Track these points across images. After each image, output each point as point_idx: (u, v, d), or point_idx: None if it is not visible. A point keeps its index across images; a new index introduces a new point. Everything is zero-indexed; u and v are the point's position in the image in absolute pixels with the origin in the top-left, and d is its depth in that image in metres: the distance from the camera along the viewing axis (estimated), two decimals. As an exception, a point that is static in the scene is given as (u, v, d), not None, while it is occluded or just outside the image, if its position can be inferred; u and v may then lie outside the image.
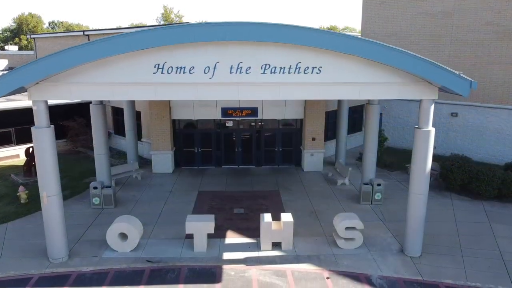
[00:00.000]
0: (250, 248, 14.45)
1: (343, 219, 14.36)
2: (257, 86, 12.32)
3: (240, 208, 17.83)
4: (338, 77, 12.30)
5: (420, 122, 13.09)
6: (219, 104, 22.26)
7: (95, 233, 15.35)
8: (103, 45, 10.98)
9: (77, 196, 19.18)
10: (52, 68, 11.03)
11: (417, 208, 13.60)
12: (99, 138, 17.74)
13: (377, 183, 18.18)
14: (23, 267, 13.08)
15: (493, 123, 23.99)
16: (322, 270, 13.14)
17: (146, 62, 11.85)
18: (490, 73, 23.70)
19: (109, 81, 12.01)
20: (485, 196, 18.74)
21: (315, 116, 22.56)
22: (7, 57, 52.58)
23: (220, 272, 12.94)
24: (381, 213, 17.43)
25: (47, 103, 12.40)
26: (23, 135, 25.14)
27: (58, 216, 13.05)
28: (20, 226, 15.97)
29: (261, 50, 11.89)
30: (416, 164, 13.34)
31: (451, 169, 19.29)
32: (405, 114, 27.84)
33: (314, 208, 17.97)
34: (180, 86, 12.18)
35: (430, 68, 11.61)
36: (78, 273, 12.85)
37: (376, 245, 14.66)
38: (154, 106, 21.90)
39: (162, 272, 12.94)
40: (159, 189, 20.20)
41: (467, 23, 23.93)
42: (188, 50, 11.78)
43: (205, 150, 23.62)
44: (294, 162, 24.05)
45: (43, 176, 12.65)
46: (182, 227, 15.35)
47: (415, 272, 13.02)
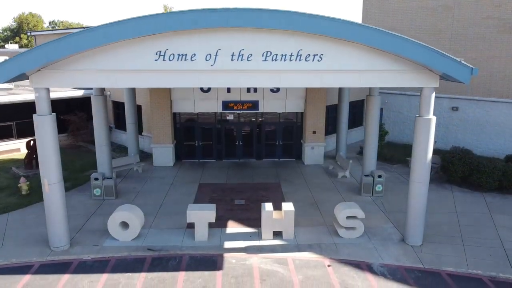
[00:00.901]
0: (251, 237, 14.46)
1: (344, 208, 14.38)
2: (258, 74, 12.34)
3: (240, 199, 17.85)
4: (340, 64, 12.31)
5: (421, 111, 13.11)
6: (220, 97, 22.28)
7: (96, 223, 15.37)
8: (105, 31, 11.00)
9: (78, 187, 19.21)
10: (54, 54, 11.04)
11: (418, 196, 13.61)
12: (100, 129, 17.77)
13: (378, 175, 18.19)
14: (25, 254, 13.09)
15: (493, 117, 24.01)
16: (323, 258, 13.16)
17: (147, 49, 11.86)
18: (490, 67, 23.72)
19: (111, 68, 12.02)
20: (486, 188, 18.76)
21: (315, 110, 22.57)
22: (8, 54, 52.63)
23: (221, 260, 12.95)
24: (382, 205, 17.44)
25: (49, 91, 12.42)
26: (24, 129, 25.19)
27: (60, 204, 13.05)
28: (21, 216, 15.99)
29: (263, 37, 11.91)
30: (417, 152, 13.36)
31: (452, 161, 19.30)
32: (405, 109, 27.86)
33: (314, 199, 17.98)
34: (181, 73, 12.20)
35: (432, 54, 11.62)
36: (79, 260, 12.86)
37: (377, 235, 14.68)
38: (155, 99, 21.92)
39: (163, 260, 12.95)
40: (160, 181, 20.21)
41: (468, 17, 23.96)
42: (189, 37, 11.79)
43: (205, 144, 23.63)
44: (294, 155, 24.07)
45: (44, 164, 12.65)
46: (183, 217, 15.42)
47: (416, 260, 13.03)
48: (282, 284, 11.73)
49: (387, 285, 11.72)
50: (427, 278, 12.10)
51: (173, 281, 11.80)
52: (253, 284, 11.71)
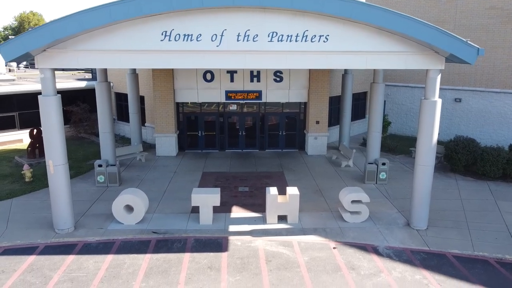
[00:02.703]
0: (256, 221, 14.43)
1: (349, 192, 14.34)
2: (264, 55, 12.31)
3: (244, 187, 17.81)
4: (345, 45, 12.28)
5: (427, 93, 13.08)
6: (223, 86, 22.26)
7: (101, 208, 15.35)
8: (110, 9, 10.97)
9: (81, 175, 19.19)
10: (59, 32, 10.99)
11: (423, 179, 13.57)
12: (104, 116, 17.75)
13: (382, 162, 18.16)
14: (29, 237, 13.07)
15: (497, 107, 23.97)
16: (329, 241, 13.12)
17: (153, 29, 11.84)
18: (493, 58, 23.68)
19: (116, 48, 11.99)
20: (490, 176, 18.72)
21: (319, 99, 22.55)
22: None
23: (226, 243, 12.92)
24: (386, 192, 17.41)
25: (54, 71, 12.39)
26: (26, 120, 25.19)
27: (64, 186, 13.03)
28: (25, 201, 15.97)
29: (269, 18, 11.88)
30: (423, 135, 13.32)
31: (456, 149, 19.27)
32: (408, 101, 27.83)
33: (318, 186, 17.95)
34: (187, 53, 12.17)
35: (439, 34, 11.57)
36: (84, 242, 12.83)
37: (382, 219, 14.64)
38: (158, 88, 21.90)
39: (168, 242, 12.92)
40: (163, 169, 20.19)
41: (471, 7, 23.92)
42: (195, 17, 11.77)
43: (208, 134, 23.61)
44: (297, 146, 24.03)
45: (49, 146, 12.62)
46: (187, 203, 15.45)
47: (422, 243, 13.00)
48: (288, 264, 11.69)
49: (393, 266, 11.68)
50: (433, 259, 12.06)
51: (178, 262, 11.77)
52: (258, 264, 11.68)
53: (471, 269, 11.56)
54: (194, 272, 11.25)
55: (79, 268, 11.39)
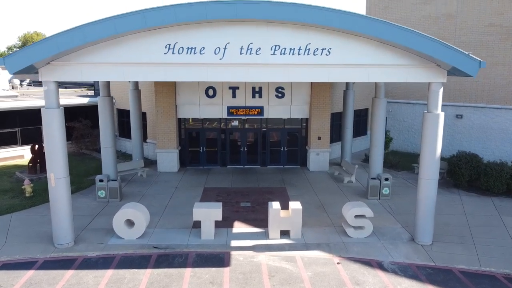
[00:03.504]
0: (258, 236, 14.22)
1: (353, 207, 14.18)
2: (267, 67, 12.38)
3: (246, 202, 17.65)
4: (348, 59, 12.36)
5: (429, 106, 13.07)
6: (225, 102, 22.33)
7: (101, 223, 15.17)
8: (114, 21, 11.07)
9: (82, 191, 19.05)
10: (64, 44, 11.07)
11: (428, 193, 13.44)
12: (106, 131, 17.74)
13: (384, 178, 18.03)
14: (29, 251, 12.87)
15: (499, 123, 23.95)
16: (332, 256, 12.90)
17: (157, 42, 11.94)
18: (494, 74, 23.81)
19: (120, 61, 12.06)
20: (494, 191, 18.57)
21: (320, 115, 22.57)
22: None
23: (228, 258, 12.70)
24: (389, 207, 17.23)
25: (58, 84, 12.43)
26: (28, 136, 25.18)
27: (65, 199, 12.91)
28: (25, 216, 15.80)
29: (271, 31, 11.99)
30: (426, 148, 13.26)
31: (459, 164, 19.16)
32: (410, 117, 27.87)
33: (321, 202, 17.78)
34: (190, 66, 12.24)
35: (440, 47, 11.65)
36: (84, 257, 12.62)
37: (386, 234, 14.44)
38: (160, 104, 21.96)
39: (169, 257, 12.71)
40: (164, 185, 20.05)
41: (470, 25, 24.19)
42: (198, 30, 11.88)
43: (210, 150, 23.55)
44: (299, 162, 23.93)
45: (51, 158, 12.56)
46: (189, 218, 15.27)
47: (427, 258, 12.77)
48: (291, 279, 11.46)
49: (399, 281, 11.44)
50: (439, 274, 11.83)
51: (179, 277, 11.54)
52: (261, 279, 11.45)
53: (478, 284, 11.31)
54: (196, 287, 11.02)
55: (78, 283, 11.16)
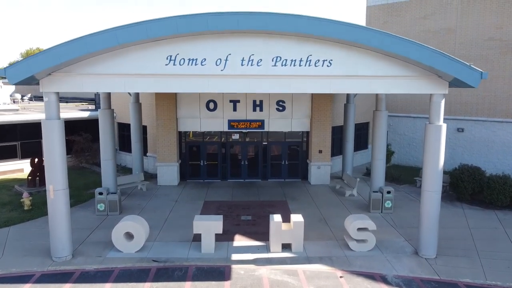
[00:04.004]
0: (259, 250, 14.00)
1: (355, 219, 14.00)
2: (268, 79, 12.36)
3: (247, 216, 17.45)
4: (349, 70, 12.35)
5: (431, 117, 13.02)
6: (226, 115, 22.32)
7: (100, 236, 14.96)
8: (116, 32, 11.09)
9: (81, 204, 18.86)
10: (65, 55, 11.07)
11: (431, 206, 13.27)
12: (106, 143, 17.66)
13: (387, 191, 17.87)
14: (25, 265, 12.64)
15: (500, 137, 23.89)
16: (335, 269, 12.66)
17: (158, 53, 11.95)
18: (494, 87, 23.86)
19: (121, 72, 12.06)
20: (497, 205, 18.38)
21: (321, 128, 22.51)
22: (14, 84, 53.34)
23: (229, 271, 12.47)
24: (392, 220, 17.02)
25: (58, 95, 12.40)
26: (28, 149, 25.09)
27: (64, 212, 12.74)
28: (23, 229, 15.60)
29: (272, 42, 12.02)
30: (428, 160, 13.15)
31: (461, 177, 19.02)
32: (410, 131, 27.82)
33: (323, 215, 17.58)
34: (191, 78, 12.22)
35: (441, 58, 11.65)
36: (81, 271, 12.39)
37: (389, 248, 14.21)
38: (161, 117, 21.94)
39: (168, 270, 12.47)
40: (164, 198, 19.87)
41: (470, 39, 24.36)
42: (200, 42, 11.91)
43: (210, 163, 23.43)
44: (300, 176, 23.78)
45: (50, 169, 12.44)
46: (189, 231, 15.09)
47: (432, 272, 12.53)
48: (293, 293, 11.23)
49: (403, 295, 11.20)
50: (445, 288, 11.60)
51: (179, 290, 11.31)
52: (262, 293, 11.22)
53: (485, 298, 11.08)
54: (196, 301, 10.79)
55: (75, 297, 10.93)
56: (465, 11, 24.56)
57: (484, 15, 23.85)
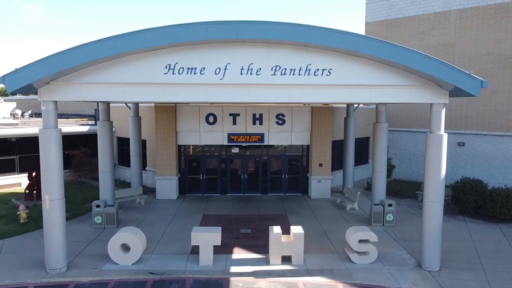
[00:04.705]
0: (258, 262, 13.70)
1: (356, 231, 13.75)
2: (267, 88, 12.32)
3: (247, 229, 17.17)
4: (348, 79, 12.31)
5: (432, 127, 12.91)
6: (226, 129, 22.23)
7: (96, 249, 14.67)
8: (115, 41, 11.09)
9: (78, 217, 18.61)
10: (64, 63, 11.03)
11: (433, 216, 13.04)
12: (105, 155, 17.52)
13: (388, 204, 17.63)
14: (19, 277, 12.34)
15: (501, 150, 23.74)
16: (336, 282, 12.35)
17: (157, 62, 11.93)
18: (494, 101, 23.86)
19: (120, 81, 12.02)
20: (501, 218, 18.11)
21: (321, 142, 22.39)
22: (16, 101, 53.59)
23: (227, 283, 12.16)
24: (393, 234, 16.72)
25: (56, 104, 12.34)
26: (27, 164, 24.90)
27: (59, 222, 12.50)
28: (18, 242, 15.31)
29: (272, 51, 12.02)
30: (430, 170, 12.98)
31: (463, 190, 18.78)
32: (411, 145, 27.69)
33: (323, 228, 17.29)
34: (190, 87, 12.18)
35: (441, 67, 11.61)
36: (76, 283, 12.08)
37: (391, 261, 13.90)
38: (160, 131, 21.85)
39: (165, 283, 12.16)
40: (163, 212, 19.60)
41: (468, 53, 24.48)
42: (199, 51, 11.91)
43: (210, 177, 23.23)
44: (300, 190, 23.54)
45: (47, 179, 12.27)
46: (187, 244, 14.85)
47: (436, 285, 12.21)
48: (293, 306, 10.90)
49: (407, 308, 10.87)
50: (449, 301, 11.26)
51: (176, 303, 10.99)
52: (262, 306, 10.89)
53: (491, 311, 10.74)
54: (193, 314, 10.46)
55: (69, 309, 10.61)
56: (463, 26, 24.77)
57: (482, 30, 24.04)
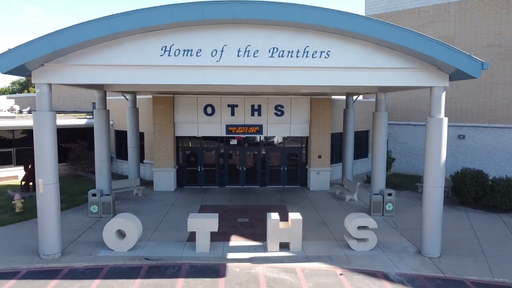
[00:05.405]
0: (256, 249, 13.50)
1: (355, 217, 13.55)
2: (264, 70, 12.13)
3: (244, 218, 16.97)
4: (347, 62, 12.14)
5: (432, 111, 12.73)
6: (224, 120, 22.04)
7: (92, 237, 14.48)
8: (110, 21, 10.92)
9: (74, 207, 18.41)
10: (58, 43, 10.86)
11: (434, 201, 12.84)
12: (101, 144, 17.33)
13: (388, 193, 17.43)
14: (12, 262, 12.14)
15: (502, 143, 23.55)
16: (335, 267, 12.14)
17: (153, 44, 11.76)
18: (495, 94, 23.67)
19: (115, 63, 11.85)
20: (502, 208, 17.91)
21: (320, 133, 22.20)
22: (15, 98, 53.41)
23: (224, 269, 11.95)
24: (393, 223, 16.52)
25: (51, 87, 12.16)
26: (23, 157, 24.73)
27: (53, 207, 12.32)
28: (12, 230, 15.13)
29: (269, 33, 11.84)
30: (430, 154, 12.79)
31: (464, 180, 18.58)
32: (411, 139, 27.49)
33: (322, 218, 17.09)
34: (187, 69, 12.00)
35: (441, 48, 11.43)
36: (70, 268, 11.88)
37: (391, 248, 13.70)
38: (158, 122, 21.66)
39: (161, 268, 11.96)
40: (160, 203, 19.39)
41: (469, 45, 24.29)
42: (195, 32, 11.73)
43: (208, 169, 23.02)
44: (300, 182, 23.34)
45: (41, 163, 12.10)
46: (184, 233, 14.70)
47: (436, 270, 12.01)
48: (291, 290, 10.69)
49: (407, 292, 10.67)
50: (450, 285, 11.05)
51: (171, 287, 10.77)
52: (259, 290, 10.69)
53: (492, 295, 10.54)
54: (188, 297, 10.26)
55: (62, 292, 10.41)
56: (463, 18, 24.61)
57: (482, 22, 23.87)
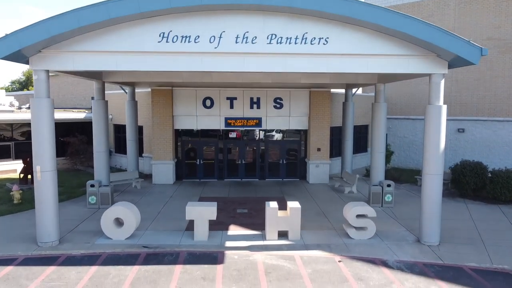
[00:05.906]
0: (254, 238, 13.46)
1: (354, 206, 13.49)
2: (263, 57, 12.08)
3: (243, 209, 16.93)
4: (346, 48, 12.09)
5: (431, 98, 12.69)
6: (223, 113, 22.00)
7: (90, 226, 14.44)
8: (107, 6, 10.87)
9: (73, 199, 18.38)
10: (56, 28, 10.80)
11: (433, 189, 12.79)
12: (100, 135, 17.29)
13: (387, 184, 17.40)
14: (10, 249, 12.10)
15: (501, 136, 23.51)
16: (333, 255, 12.09)
17: (150, 30, 11.71)
18: (494, 87, 23.63)
19: (113, 49, 11.79)
20: (501, 199, 17.89)
21: (320, 126, 22.16)
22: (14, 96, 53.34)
23: (222, 256, 11.91)
24: (392, 213, 16.48)
25: (48, 74, 12.11)
26: (22, 150, 24.69)
27: (51, 194, 12.26)
28: (11, 220, 15.09)
29: (267, 19, 11.79)
30: (429, 142, 12.75)
31: (463, 172, 18.54)
32: (410, 133, 27.45)
33: (321, 209, 17.05)
34: (184, 55, 11.95)
35: (440, 33, 11.41)
36: (68, 255, 11.83)
37: (390, 237, 13.66)
38: (157, 114, 21.62)
39: (159, 255, 11.92)
40: (159, 195, 19.35)
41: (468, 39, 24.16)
42: (194, 18, 11.68)
43: (207, 162, 22.98)
44: (299, 175, 23.29)
45: (38, 150, 12.07)
46: (182, 222, 14.68)
47: (435, 257, 11.96)
48: (289, 276, 10.65)
49: (405, 277, 10.62)
50: (449, 271, 11.01)
51: (169, 273, 10.74)
52: (257, 275, 10.64)
53: (492, 280, 10.50)
54: (186, 283, 10.22)
55: (59, 278, 10.37)
56: (462, 11, 24.56)
57: (482, 15, 23.82)
